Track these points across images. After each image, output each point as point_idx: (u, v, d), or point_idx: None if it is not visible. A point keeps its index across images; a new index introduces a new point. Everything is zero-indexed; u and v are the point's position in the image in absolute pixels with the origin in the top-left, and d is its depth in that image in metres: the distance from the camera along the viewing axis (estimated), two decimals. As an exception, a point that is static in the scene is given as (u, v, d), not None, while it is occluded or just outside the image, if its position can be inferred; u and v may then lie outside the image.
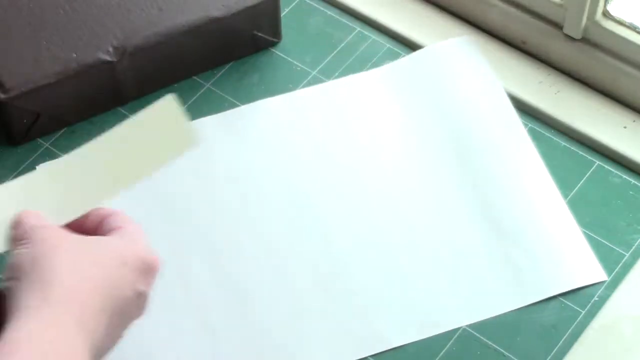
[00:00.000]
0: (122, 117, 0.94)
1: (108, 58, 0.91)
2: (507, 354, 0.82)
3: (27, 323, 0.63)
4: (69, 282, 0.66)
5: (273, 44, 0.98)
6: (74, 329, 0.64)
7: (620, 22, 0.92)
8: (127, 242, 0.70)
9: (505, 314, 0.83)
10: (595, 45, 0.94)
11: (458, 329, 0.83)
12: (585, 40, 0.94)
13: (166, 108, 0.74)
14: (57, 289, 0.65)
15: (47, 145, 0.93)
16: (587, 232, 0.87)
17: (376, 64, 0.97)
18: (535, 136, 0.92)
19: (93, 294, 0.66)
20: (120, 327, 0.69)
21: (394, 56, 0.97)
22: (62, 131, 0.94)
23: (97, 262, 0.68)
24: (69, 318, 0.65)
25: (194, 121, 0.93)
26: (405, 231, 0.87)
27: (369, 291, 0.84)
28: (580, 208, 0.88)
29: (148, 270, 0.70)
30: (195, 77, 0.97)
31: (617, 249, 0.86)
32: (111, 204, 0.72)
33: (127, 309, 0.69)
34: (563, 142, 0.92)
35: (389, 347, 0.82)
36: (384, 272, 0.85)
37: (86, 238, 0.70)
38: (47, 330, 0.63)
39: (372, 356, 0.82)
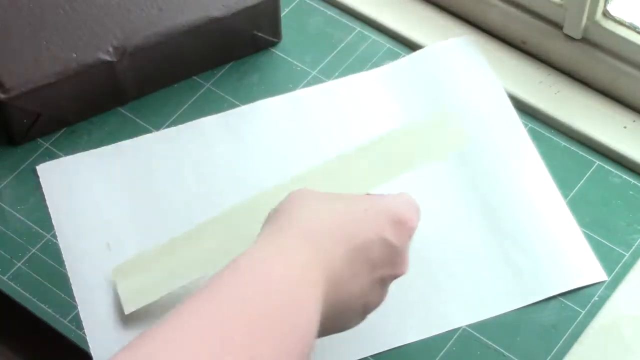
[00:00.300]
0: (122, 117, 0.94)
1: (108, 58, 0.91)
2: (507, 354, 0.82)
3: (254, 247, 0.69)
4: (304, 217, 0.71)
5: (273, 44, 0.98)
6: (305, 249, 0.69)
7: (620, 22, 0.92)
8: (380, 197, 0.76)
9: (505, 314, 0.83)
10: (595, 45, 0.94)
11: (458, 329, 0.83)
12: (585, 40, 0.94)
13: (445, 116, 0.86)
14: (292, 220, 0.71)
15: (47, 145, 0.93)
16: (587, 232, 0.87)
17: (376, 64, 0.97)
18: (535, 136, 0.92)
19: (327, 225, 0.71)
20: (366, 269, 0.72)
21: (394, 56, 0.97)
22: (62, 131, 0.94)
23: (338, 205, 0.73)
24: (299, 241, 0.70)
25: (193, 121, 0.94)
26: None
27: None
28: (580, 208, 0.88)
29: (397, 223, 0.74)
30: (195, 77, 0.97)
31: (617, 249, 0.86)
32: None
33: (371, 253, 0.72)
34: (563, 142, 0.92)
35: (389, 347, 0.82)
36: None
37: (339, 193, 0.76)
38: (273, 251, 0.69)
39: (372, 356, 0.82)
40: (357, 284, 0.72)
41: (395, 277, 0.76)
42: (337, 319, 0.74)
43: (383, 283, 0.75)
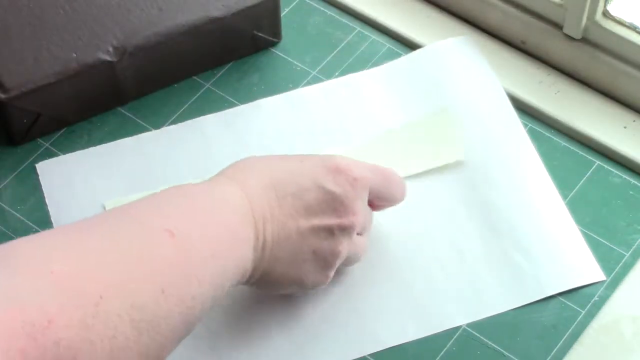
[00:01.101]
0: (122, 117, 0.94)
1: (108, 58, 0.91)
2: (507, 354, 0.82)
3: (193, 184, 0.75)
4: (241, 167, 0.76)
5: (273, 44, 0.98)
6: (236, 188, 0.74)
7: (620, 22, 0.92)
8: (319, 154, 0.79)
9: (505, 313, 0.83)
10: (595, 45, 0.94)
11: (458, 328, 0.83)
12: (585, 40, 0.94)
13: (443, 119, 0.90)
14: (229, 170, 0.76)
15: (47, 145, 0.93)
16: (587, 232, 0.87)
17: (376, 64, 0.97)
18: (535, 136, 0.92)
19: (260, 175, 0.75)
20: (302, 214, 0.75)
21: (394, 56, 0.97)
22: (62, 131, 0.94)
23: (276, 160, 0.77)
24: (231, 182, 0.74)
25: (193, 119, 0.94)
26: (404, 230, 0.87)
27: (367, 289, 0.84)
28: (580, 208, 0.88)
29: (335, 171, 0.76)
30: (195, 77, 0.97)
31: (617, 249, 0.86)
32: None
33: (306, 198, 0.75)
34: (563, 142, 0.92)
35: (388, 346, 0.82)
36: (383, 270, 0.85)
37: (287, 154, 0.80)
38: (209, 185, 0.75)
39: (371, 355, 0.82)
40: (293, 228, 0.75)
41: (344, 227, 0.76)
42: (289, 266, 0.76)
43: (329, 232, 0.76)
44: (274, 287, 0.79)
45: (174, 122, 0.94)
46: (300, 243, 0.76)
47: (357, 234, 0.80)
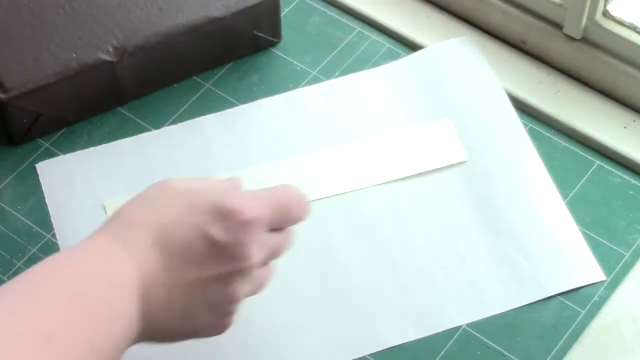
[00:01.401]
0: (122, 117, 0.94)
1: (108, 58, 0.91)
2: (507, 354, 0.82)
3: (82, 241, 0.69)
4: (123, 220, 0.70)
5: (273, 44, 0.98)
6: (119, 252, 0.67)
7: (620, 22, 0.92)
8: (214, 190, 0.72)
9: (505, 313, 0.83)
10: (595, 45, 0.94)
11: (458, 328, 0.83)
12: (585, 40, 0.94)
13: (443, 125, 0.91)
14: (113, 225, 0.70)
15: (47, 145, 0.93)
16: (587, 232, 0.87)
17: (376, 64, 0.97)
18: (535, 136, 0.92)
19: (143, 230, 0.69)
20: (187, 269, 0.69)
21: (394, 56, 0.97)
22: (62, 131, 0.94)
23: (166, 203, 0.71)
24: (115, 243, 0.68)
25: (193, 120, 0.94)
26: (404, 230, 0.87)
27: (367, 290, 0.84)
28: (580, 208, 0.88)
29: (223, 216, 0.69)
30: (195, 77, 0.97)
31: (617, 249, 0.86)
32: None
33: (192, 253, 0.69)
34: (563, 142, 0.92)
35: (388, 346, 0.82)
36: (383, 270, 0.85)
37: (190, 186, 0.72)
38: (91, 251, 0.68)
39: (370, 355, 0.82)
40: (182, 285, 0.69)
41: (241, 271, 0.70)
42: (181, 322, 0.70)
43: (223, 281, 0.70)
44: (167, 341, 0.73)
45: (174, 122, 0.94)
46: (192, 298, 0.70)
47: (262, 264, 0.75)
